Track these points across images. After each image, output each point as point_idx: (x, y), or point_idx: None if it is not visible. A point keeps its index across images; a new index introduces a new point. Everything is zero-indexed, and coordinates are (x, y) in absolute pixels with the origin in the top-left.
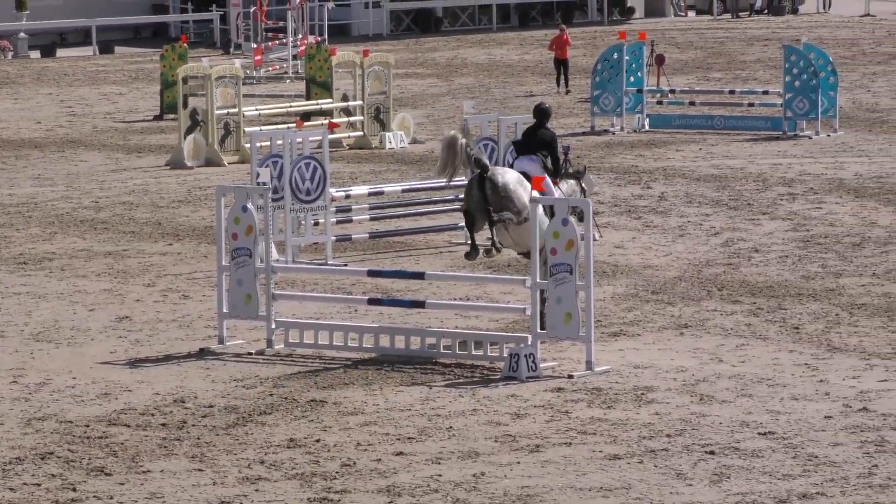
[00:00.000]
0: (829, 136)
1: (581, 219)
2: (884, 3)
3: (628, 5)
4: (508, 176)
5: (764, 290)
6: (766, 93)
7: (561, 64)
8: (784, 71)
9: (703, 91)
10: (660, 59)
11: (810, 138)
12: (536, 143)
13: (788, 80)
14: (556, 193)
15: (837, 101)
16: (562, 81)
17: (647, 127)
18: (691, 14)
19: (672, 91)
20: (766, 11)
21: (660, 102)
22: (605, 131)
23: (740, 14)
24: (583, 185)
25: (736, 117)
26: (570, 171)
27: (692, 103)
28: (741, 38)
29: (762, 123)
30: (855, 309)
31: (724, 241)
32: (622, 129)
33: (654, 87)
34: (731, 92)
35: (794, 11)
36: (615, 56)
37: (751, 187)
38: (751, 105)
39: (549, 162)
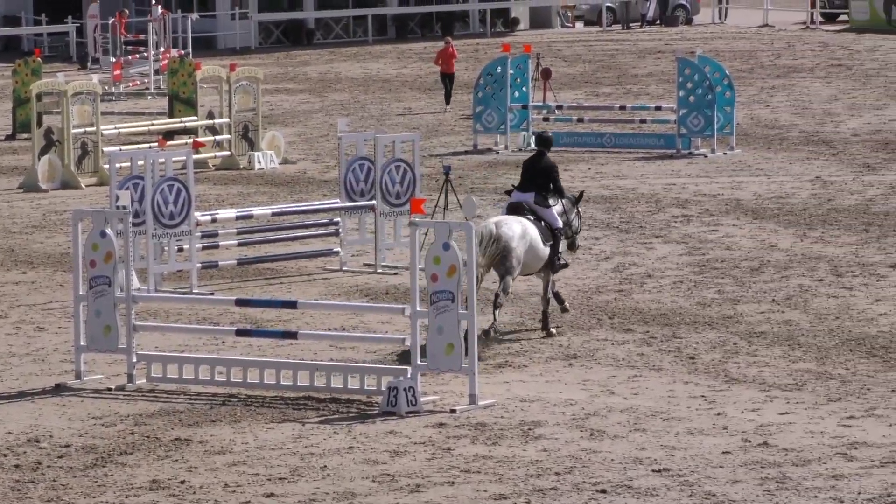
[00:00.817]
0: (725, 154)
1: (578, 199)
2: (783, 12)
3: (512, 16)
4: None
5: (657, 318)
6: (658, 108)
7: (448, 79)
8: (678, 85)
9: (593, 107)
10: (546, 73)
11: (706, 157)
12: (539, 171)
13: (682, 95)
14: (560, 223)
15: (734, 116)
16: (451, 98)
17: (532, 145)
18: (579, 25)
19: (559, 107)
20: (658, 22)
21: (546, 119)
22: (489, 150)
23: (631, 25)
24: (578, 209)
25: (627, 135)
26: (568, 196)
27: (580, 120)
28: (632, 51)
29: (655, 141)
30: (754, 337)
31: (615, 266)
32: (507, 147)
33: (540, 103)
34: (622, 108)
35: (689, 22)
36: (499, 70)
37: (643, 209)
38: (643, 122)
39: (548, 195)
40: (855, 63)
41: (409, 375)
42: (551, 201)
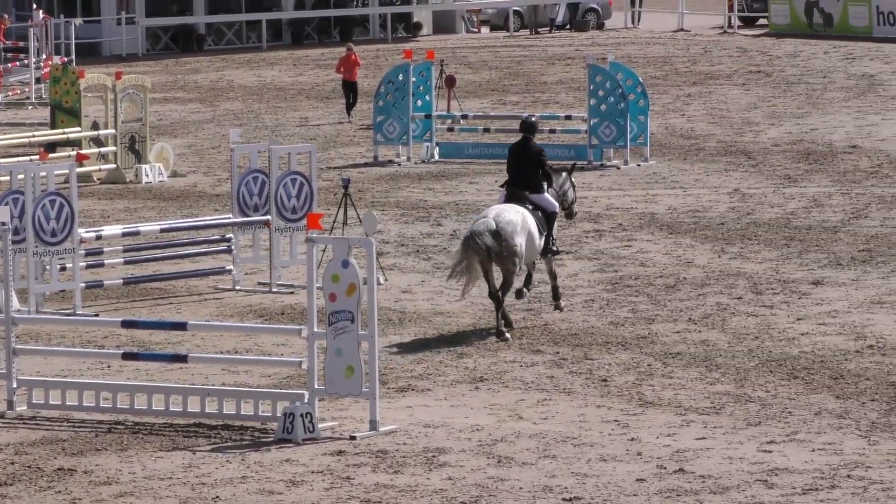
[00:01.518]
0: (639, 165)
1: (571, 170)
2: (699, 16)
3: (415, 21)
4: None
5: (568, 339)
6: (568, 118)
7: (350, 88)
8: (588, 93)
9: (499, 116)
10: (450, 81)
11: (618, 168)
12: (528, 158)
13: (594, 104)
14: (556, 206)
15: (648, 126)
16: (353, 108)
17: (436, 157)
18: (485, 30)
19: (464, 116)
20: (568, 27)
21: (451, 129)
22: (391, 162)
23: (540, 30)
24: (571, 179)
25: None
26: (559, 169)
27: (487, 130)
28: (541, 57)
29: (565, 152)
30: (669, 358)
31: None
32: (409, 159)
33: (445, 112)
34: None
35: (600, 27)
36: (400, 77)
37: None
38: (552, 132)
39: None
40: (775, 69)
41: (306, 400)
42: (545, 186)
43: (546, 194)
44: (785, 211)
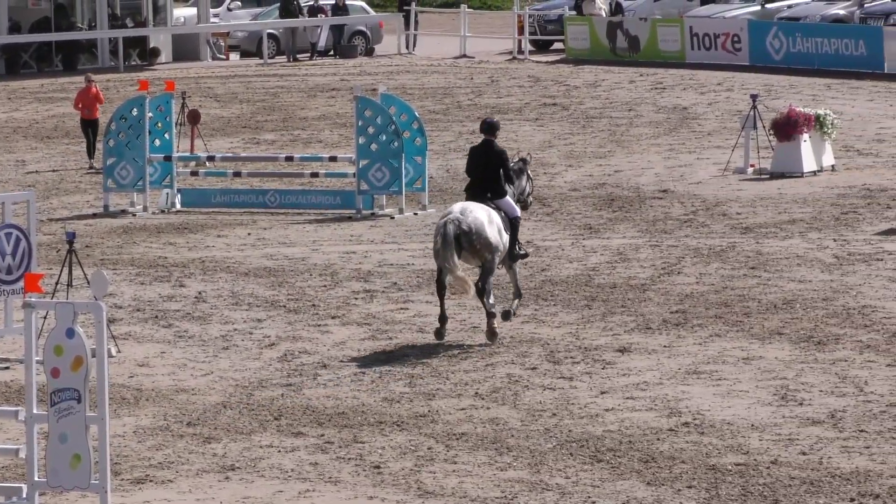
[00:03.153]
0: (416, 214)
1: (525, 164)
2: (484, 40)
3: (151, 46)
4: (478, 220)
5: (334, 419)
6: (333, 159)
7: (90, 127)
8: (357, 130)
9: (252, 158)
10: (194, 117)
11: (392, 218)
12: (490, 160)
13: (363, 143)
14: (518, 212)
15: (426, 168)
16: (95, 151)
17: (178, 206)
18: (234, 57)
19: (210, 158)
20: (332, 53)
21: (195, 173)
22: (124, 212)
23: (299, 56)
24: (528, 172)
25: (295, 192)
26: (515, 165)
27: (238, 174)
28: (301, 88)
29: (329, 200)
30: (453, 440)
31: (283, 354)
32: (146, 208)
33: (187, 154)
34: (289, 158)
35: (369, 53)
36: (134, 112)
37: (316, 283)
38: (314, 175)
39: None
40: (572, 101)
41: (24, 495)
42: (507, 188)
43: (508, 198)
44: (586, 266)
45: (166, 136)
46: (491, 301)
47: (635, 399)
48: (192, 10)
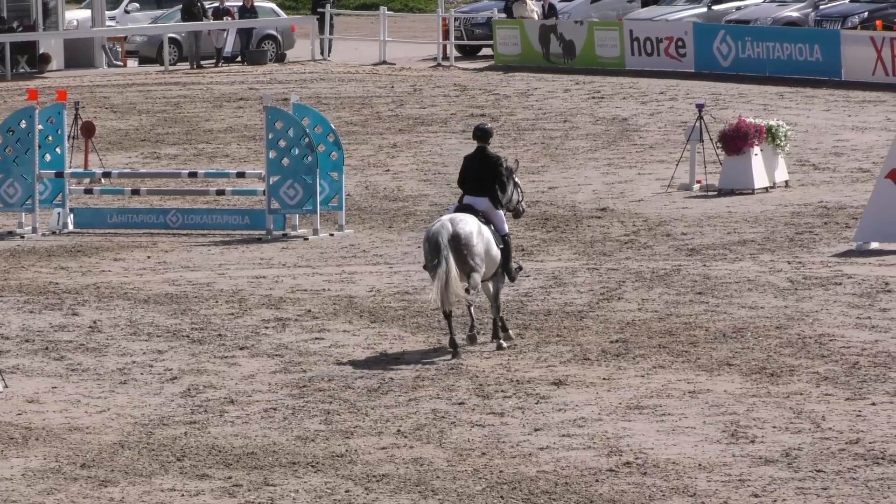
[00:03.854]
0: (332, 235)
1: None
2: (405, 45)
3: (41, 52)
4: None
5: (243, 459)
6: (241, 175)
7: None
8: (267, 144)
9: (152, 174)
10: (88, 129)
11: (306, 240)
12: (486, 167)
13: (273, 158)
14: (507, 229)
15: (343, 185)
16: None
17: (71, 227)
18: (132, 63)
19: (106, 174)
20: (240, 59)
21: (89, 191)
22: (11, 234)
23: (203, 63)
24: (515, 179)
25: (200, 211)
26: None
27: (136, 192)
28: (206, 98)
29: (237, 220)
30: (373, 482)
31: (186, 389)
32: (35, 230)
33: (81, 170)
34: (193, 175)
35: (280, 59)
36: (23, 125)
37: (222, 311)
38: (220, 193)
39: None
40: (502, 112)
41: None
42: (502, 200)
43: (501, 212)
44: (517, 292)
45: (58, 150)
46: (474, 313)
47: (572, 437)
48: (86, 13)
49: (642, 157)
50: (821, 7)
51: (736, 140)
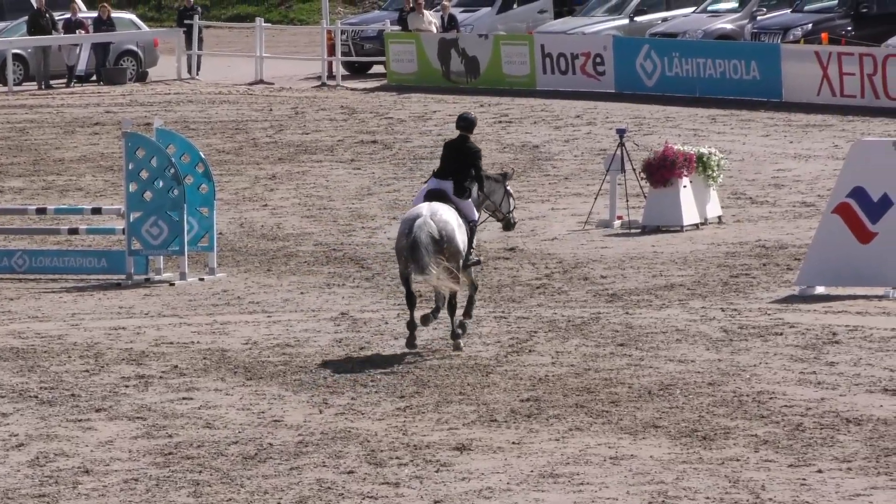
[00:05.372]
0: (202, 280)
1: (505, 179)
2: (285, 62)
3: None
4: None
5: None
6: (97, 212)
7: None
8: (127, 176)
9: None
10: None
11: (172, 285)
12: (462, 156)
13: (134, 191)
14: (476, 216)
15: (215, 222)
16: None
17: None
18: None
19: None
20: (95, 78)
21: None
22: None
23: (53, 83)
24: (507, 188)
25: (49, 252)
26: (492, 175)
27: None
28: (56, 122)
29: (92, 262)
30: None
31: (34, 457)
32: None
33: None
34: (41, 211)
35: (142, 77)
36: None
37: (76, 367)
38: (73, 232)
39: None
40: (397, 139)
41: None
42: (472, 191)
43: (469, 201)
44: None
45: None
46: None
47: None
48: None
49: (556, 189)
50: (758, 18)
51: (662, 170)
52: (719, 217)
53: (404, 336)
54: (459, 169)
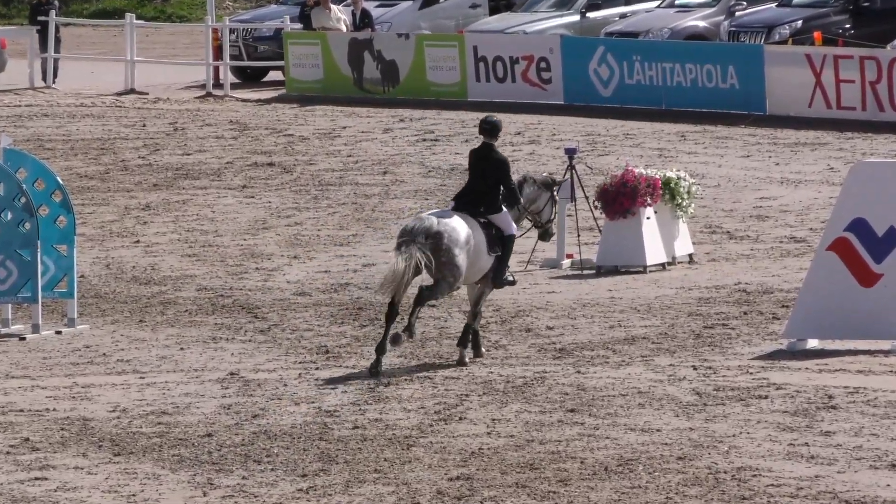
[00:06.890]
0: (59, 333)
1: (551, 185)
2: (163, 67)
3: None
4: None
5: None
6: None
7: None
8: None
9: None
10: None
11: (23, 339)
12: (492, 168)
13: None
14: (514, 229)
15: (75, 263)
16: None
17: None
18: None
19: None
20: None
21: None
22: None
23: None
24: (555, 195)
25: None
26: (538, 179)
27: None
28: None
29: None
30: None
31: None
32: None
33: None
34: None
35: None
36: None
37: None
38: None
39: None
40: (298, 161)
41: None
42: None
43: (506, 213)
44: (320, 410)
45: None
46: (416, 316)
47: None
48: None
49: None
50: (737, 14)
51: (621, 198)
52: (690, 255)
53: (369, 360)
54: (485, 185)
